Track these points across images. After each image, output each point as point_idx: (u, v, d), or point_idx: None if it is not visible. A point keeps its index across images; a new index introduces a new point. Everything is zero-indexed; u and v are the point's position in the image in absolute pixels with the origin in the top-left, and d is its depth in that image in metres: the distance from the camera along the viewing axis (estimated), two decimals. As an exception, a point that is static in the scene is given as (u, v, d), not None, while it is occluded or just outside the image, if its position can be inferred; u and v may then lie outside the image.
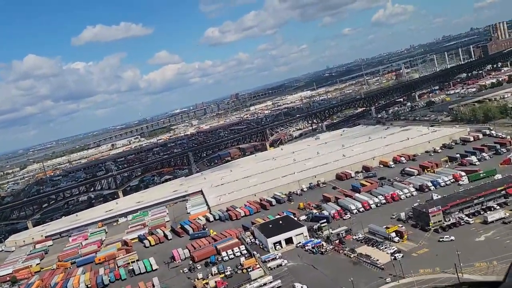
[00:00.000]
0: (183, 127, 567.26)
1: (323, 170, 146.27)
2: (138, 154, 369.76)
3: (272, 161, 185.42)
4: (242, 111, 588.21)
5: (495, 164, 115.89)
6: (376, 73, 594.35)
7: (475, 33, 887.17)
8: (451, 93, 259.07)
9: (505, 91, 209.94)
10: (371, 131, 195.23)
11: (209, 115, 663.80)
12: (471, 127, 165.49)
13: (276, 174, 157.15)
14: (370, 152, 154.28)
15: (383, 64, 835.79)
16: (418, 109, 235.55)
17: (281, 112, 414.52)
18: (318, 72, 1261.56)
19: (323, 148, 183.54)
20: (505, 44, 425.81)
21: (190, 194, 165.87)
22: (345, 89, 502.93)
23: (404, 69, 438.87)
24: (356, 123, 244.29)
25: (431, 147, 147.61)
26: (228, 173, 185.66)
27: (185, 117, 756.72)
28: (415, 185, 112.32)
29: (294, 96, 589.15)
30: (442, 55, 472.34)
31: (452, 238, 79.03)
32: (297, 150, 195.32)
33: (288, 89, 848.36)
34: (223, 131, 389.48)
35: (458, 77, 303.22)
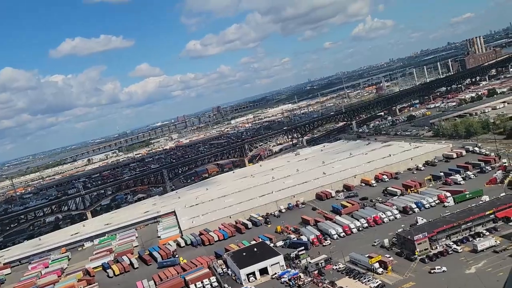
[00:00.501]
0: (162, 141, 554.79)
1: (302, 189, 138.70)
2: (114, 170, 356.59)
3: (250, 179, 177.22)
4: (223, 124, 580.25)
5: (480, 183, 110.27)
6: (357, 86, 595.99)
7: (452, 47, 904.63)
8: (432, 107, 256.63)
9: (485, 106, 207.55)
10: (352, 147, 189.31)
11: (189, 128, 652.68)
12: (453, 142, 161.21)
13: (253, 193, 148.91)
14: (351, 169, 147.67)
15: (364, 77, 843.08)
16: (399, 124, 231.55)
17: (262, 126, 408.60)
18: (300, 85, 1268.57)
19: (303, 165, 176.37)
20: (482, 58, 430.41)
21: (162, 215, 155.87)
22: (326, 102, 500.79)
23: (384, 83, 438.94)
24: (337, 137, 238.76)
25: (413, 164, 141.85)
26: (204, 191, 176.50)
27: (166, 131, 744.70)
28: (398, 207, 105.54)
29: (275, 109, 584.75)
30: (421, 69, 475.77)
31: (444, 269, 71.78)
32: (276, 167, 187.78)
33: (269, 102, 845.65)
34: (203, 146, 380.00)
35: (438, 91, 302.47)
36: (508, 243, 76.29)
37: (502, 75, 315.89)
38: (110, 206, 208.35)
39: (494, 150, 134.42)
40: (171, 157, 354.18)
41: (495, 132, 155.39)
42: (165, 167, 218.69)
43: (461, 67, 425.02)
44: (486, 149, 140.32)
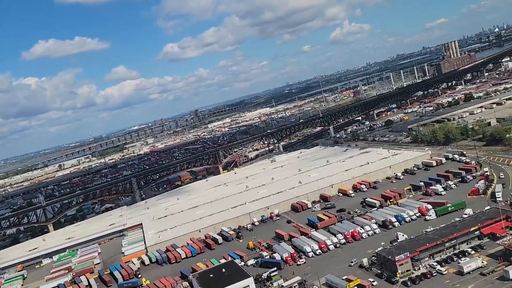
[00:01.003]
0: (137, 146, 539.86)
1: (277, 200, 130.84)
2: (84, 177, 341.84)
3: (223, 188, 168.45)
4: (200, 128, 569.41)
5: (462, 194, 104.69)
6: (335, 90, 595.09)
7: (427, 52, 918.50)
8: (409, 112, 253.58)
9: (462, 111, 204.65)
10: (330, 153, 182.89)
11: (166, 132, 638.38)
12: (432, 149, 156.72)
13: (225, 204, 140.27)
14: (329, 178, 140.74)
15: (341, 81, 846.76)
16: (377, 129, 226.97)
17: (239, 130, 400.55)
18: (278, 88, 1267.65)
19: (279, 173, 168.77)
20: (457, 63, 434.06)
21: (128, 228, 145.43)
22: (304, 106, 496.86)
23: (361, 87, 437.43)
24: (314, 143, 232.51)
25: (392, 172, 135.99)
26: (174, 201, 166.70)
27: (142, 135, 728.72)
28: (377, 220, 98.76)
29: (253, 113, 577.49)
30: (398, 73, 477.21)
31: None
32: (251, 175, 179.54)
33: (248, 106, 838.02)
34: (178, 151, 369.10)
35: (415, 95, 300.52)
36: (495, 263, 70.05)
37: (478, 79, 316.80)
38: (76, 217, 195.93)
39: (475, 157, 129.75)
40: (144, 163, 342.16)
41: (474, 138, 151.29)
42: (134, 175, 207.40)
43: (436, 71, 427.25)
44: (467, 156, 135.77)
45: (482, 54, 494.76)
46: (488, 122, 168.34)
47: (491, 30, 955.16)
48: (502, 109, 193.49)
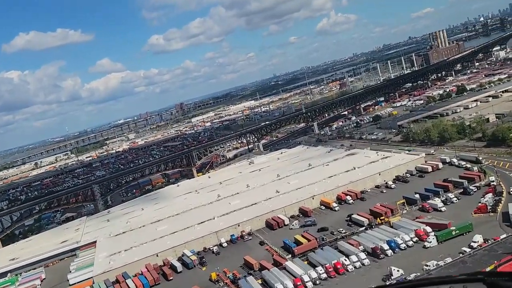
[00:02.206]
0: (118, 142, 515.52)
1: (250, 214, 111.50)
2: (57, 177, 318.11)
3: (194, 196, 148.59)
4: (183, 123, 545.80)
5: (466, 210, 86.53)
6: (321, 82, 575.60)
7: (414, 42, 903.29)
8: (398, 106, 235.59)
9: (456, 105, 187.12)
10: (312, 154, 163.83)
11: (149, 127, 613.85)
12: (425, 149, 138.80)
13: (192, 218, 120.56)
14: (310, 187, 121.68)
15: (328, 72, 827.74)
16: (364, 125, 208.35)
17: (221, 126, 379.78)
18: (265, 80, 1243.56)
19: (256, 178, 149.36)
20: (445, 52, 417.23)
21: (82, 246, 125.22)
22: (290, 99, 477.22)
23: (347, 78, 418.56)
24: (297, 141, 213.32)
25: (382, 180, 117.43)
26: (139, 212, 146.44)
27: (126, 129, 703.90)
28: (366, 247, 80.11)
29: (237, 106, 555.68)
30: (385, 64, 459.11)
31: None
32: (225, 180, 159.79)
33: (233, 98, 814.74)
34: (156, 148, 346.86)
35: (404, 87, 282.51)
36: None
37: (468, 70, 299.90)
38: (32, 229, 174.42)
39: (476, 161, 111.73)
40: (120, 162, 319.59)
41: (472, 138, 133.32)
42: (97, 181, 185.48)
43: (425, 61, 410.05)
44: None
45: (469, 44, 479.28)
46: (487, 118, 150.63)
47: (476, 20, 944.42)
48: (499, 103, 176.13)
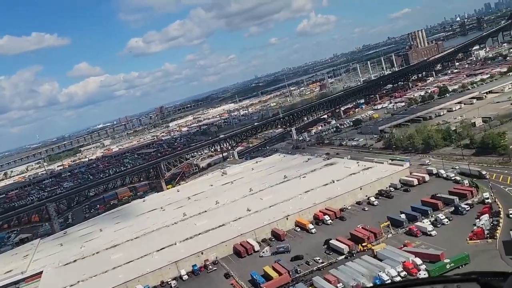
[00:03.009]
0: (93, 149, 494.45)
1: (216, 239, 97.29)
2: (23, 189, 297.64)
3: (158, 214, 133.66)
4: (161, 127, 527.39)
5: (460, 235, 74.28)
6: (301, 83, 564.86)
7: (393, 42, 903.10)
8: (379, 108, 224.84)
9: (439, 108, 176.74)
10: (289, 165, 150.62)
11: (126, 132, 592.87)
12: (409, 157, 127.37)
13: (151, 243, 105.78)
14: (284, 204, 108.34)
15: (309, 73, 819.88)
16: (344, 129, 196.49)
17: (199, 130, 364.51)
18: (246, 81, 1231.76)
19: (227, 192, 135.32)
20: (425, 52, 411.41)
21: (26, 278, 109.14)
22: (270, 101, 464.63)
23: (327, 80, 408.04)
24: (274, 148, 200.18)
25: (363, 195, 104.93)
26: (97, 234, 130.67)
27: (103, 135, 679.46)
28: (346, 285, 67.02)
29: (216, 109, 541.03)
30: (365, 64, 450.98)
31: None
32: (194, 194, 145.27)
33: (214, 101, 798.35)
34: (130, 155, 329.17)
35: (384, 88, 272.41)
36: None
37: (449, 70, 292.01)
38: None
39: (479, 176, 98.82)
40: (90, 171, 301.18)
41: (459, 144, 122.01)
42: (52, 198, 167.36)
43: (404, 61, 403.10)
44: (454, 170, 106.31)
45: (448, 43, 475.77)
46: (473, 122, 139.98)
47: (453, 19, 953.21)
48: (484, 105, 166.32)
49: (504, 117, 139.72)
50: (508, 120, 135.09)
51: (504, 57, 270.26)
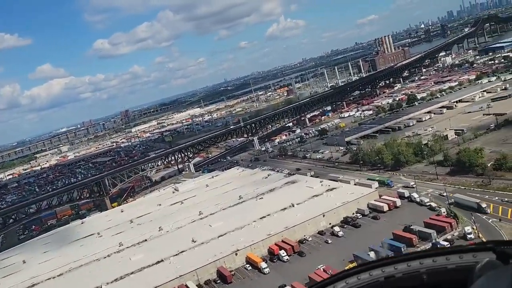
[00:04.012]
0: (49, 156, 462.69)
1: (150, 282, 79.47)
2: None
3: (92, 243, 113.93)
4: (123, 133, 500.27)
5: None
6: (269, 88, 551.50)
7: (360, 47, 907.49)
8: (346, 116, 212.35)
9: (408, 117, 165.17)
10: (246, 182, 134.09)
11: (87, 138, 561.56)
12: (378, 175, 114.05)
13: (73, 285, 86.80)
14: (235, 234, 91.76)
15: (278, 77, 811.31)
16: (309, 139, 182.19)
17: (161, 137, 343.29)
18: (216, 85, 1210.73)
19: (173, 216, 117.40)
20: (391, 58, 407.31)
21: None
22: (236, 106, 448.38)
23: (294, 85, 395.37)
24: (234, 160, 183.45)
25: (327, 223, 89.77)
26: (18, 267, 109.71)
27: (64, 139, 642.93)
28: None
29: (181, 114, 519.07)
30: (333, 69, 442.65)
31: None
32: (138, 217, 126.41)
33: (181, 105, 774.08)
34: (84, 164, 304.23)
35: (351, 95, 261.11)
36: None
37: (416, 76, 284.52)
38: None
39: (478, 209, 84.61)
40: (38, 182, 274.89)
41: (432, 161, 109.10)
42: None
43: (371, 67, 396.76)
44: (428, 193, 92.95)
45: (413, 49, 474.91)
46: (445, 135, 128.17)
47: (417, 26, 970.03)
48: (454, 115, 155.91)
49: (477, 129, 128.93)
50: (482, 133, 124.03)
51: (471, 63, 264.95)
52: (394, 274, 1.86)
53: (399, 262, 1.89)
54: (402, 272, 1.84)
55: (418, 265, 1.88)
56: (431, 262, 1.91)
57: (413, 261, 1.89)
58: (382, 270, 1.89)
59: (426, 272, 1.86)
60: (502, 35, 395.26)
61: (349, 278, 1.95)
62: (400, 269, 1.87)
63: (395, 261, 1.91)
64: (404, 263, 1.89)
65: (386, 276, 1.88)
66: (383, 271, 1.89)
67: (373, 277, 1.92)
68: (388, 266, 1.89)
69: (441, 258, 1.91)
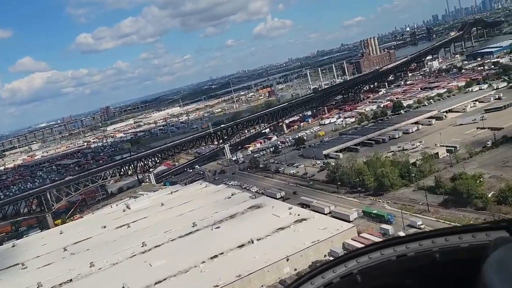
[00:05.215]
0: (18, 154, 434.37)
1: None
2: None
3: (12, 276, 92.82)
4: (98, 131, 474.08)
5: None
6: (252, 88, 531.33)
7: (346, 49, 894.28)
8: (326, 123, 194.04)
9: (393, 128, 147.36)
10: (207, 201, 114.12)
11: (61, 135, 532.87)
12: (358, 200, 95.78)
13: None
14: (176, 280, 71.95)
15: (262, 76, 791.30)
16: (284, 148, 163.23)
17: (133, 138, 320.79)
18: (201, 83, 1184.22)
19: (114, 245, 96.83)
20: (377, 61, 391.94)
21: None
22: (217, 106, 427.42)
23: (275, 86, 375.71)
24: (200, 171, 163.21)
25: (291, 269, 70.63)
26: None
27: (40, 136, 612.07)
28: None
29: (160, 113, 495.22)
30: (317, 71, 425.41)
31: None
32: (75, 243, 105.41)
33: (163, 102, 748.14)
34: (48, 166, 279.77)
35: (334, 99, 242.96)
36: None
37: (402, 81, 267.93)
38: None
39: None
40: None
41: (422, 186, 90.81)
42: None
43: (356, 69, 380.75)
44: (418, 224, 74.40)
45: (399, 52, 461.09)
46: (435, 153, 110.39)
47: (403, 29, 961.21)
48: (444, 127, 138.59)
49: (471, 145, 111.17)
50: (478, 152, 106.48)
51: (459, 69, 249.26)
52: (406, 253, 1.82)
53: (411, 241, 1.85)
54: (414, 251, 1.80)
55: (430, 244, 1.82)
56: (443, 241, 1.84)
57: (426, 240, 1.83)
58: (394, 249, 1.84)
59: (438, 251, 1.79)
60: (488, 39, 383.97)
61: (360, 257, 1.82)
62: (412, 248, 1.83)
63: (407, 240, 1.86)
64: (416, 242, 1.85)
65: (398, 255, 1.83)
66: (395, 250, 1.84)
67: (384, 256, 1.83)
68: (400, 245, 1.85)
69: (454, 237, 1.83)
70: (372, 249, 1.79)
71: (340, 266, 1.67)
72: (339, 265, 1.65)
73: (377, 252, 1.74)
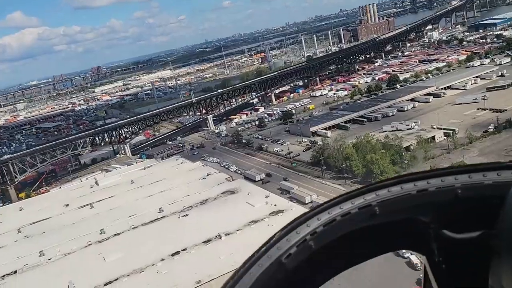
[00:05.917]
0: (3, 114, 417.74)
1: None
2: None
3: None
4: (86, 92, 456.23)
5: None
6: (246, 52, 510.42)
7: (344, 15, 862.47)
8: (317, 96, 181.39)
9: (388, 105, 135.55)
10: (180, 180, 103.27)
11: (48, 95, 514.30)
12: (346, 186, 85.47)
13: None
14: (129, 281, 62.11)
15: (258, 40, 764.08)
16: (270, 123, 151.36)
17: (118, 102, 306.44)
18: (196, 45, 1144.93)
19: (72, 230, 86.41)
20: (375, 29, 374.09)
21: None
22: (208, 71, 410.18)
23: (268, 52, 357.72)
24: (180, 144, 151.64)
25: (260, 274, 60.76)
26: None
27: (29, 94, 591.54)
28: None
29: (150, 76, 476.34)
30: (312, 37, 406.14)
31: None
32: (32, 223, 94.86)
33: (155, 64, 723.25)
34: (28, 129, 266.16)
35: (328, 69, 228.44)
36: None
37: (399, 51, 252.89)
38: None
39: None
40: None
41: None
42: None
43: (353, 37, 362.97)
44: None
45: (398, 20, 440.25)
46: (432, 136, 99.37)
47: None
48: (442, 105, 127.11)
49: (471, 128, 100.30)
50: (479, 137, 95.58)
51: (460, 41, 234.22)
52: (427, 188, 1.75)
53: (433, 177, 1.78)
54: (435, 187, 1.74)
55: (453, 181, 1.75)
56: (466, 178, 1.76)
57: (448, 177, 1.76)
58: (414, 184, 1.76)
59: (460, 187, 1.73)
60: (491, 10, 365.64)
61: (379, 190, 1.74)
62: (434, 183, 1.76)
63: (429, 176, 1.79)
64: (438, 178, 1.77)
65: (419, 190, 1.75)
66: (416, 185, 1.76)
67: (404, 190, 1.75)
68: (421, 181, 1.77)
69: (478, 174, 1.76)
70: (392, 182, 1.77)
71: (359, 198, 1.69)
72: (357, 197, 1.67)
73: (398, 186, 1.73)
